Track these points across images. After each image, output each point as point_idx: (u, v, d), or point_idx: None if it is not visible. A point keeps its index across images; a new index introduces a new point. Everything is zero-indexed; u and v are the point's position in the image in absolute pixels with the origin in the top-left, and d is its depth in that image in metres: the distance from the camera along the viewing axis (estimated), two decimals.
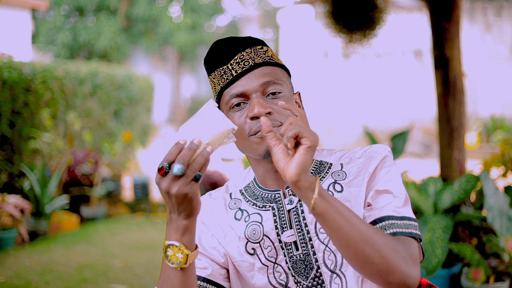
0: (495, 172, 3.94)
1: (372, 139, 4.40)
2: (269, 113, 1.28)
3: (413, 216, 1.29)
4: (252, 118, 1.29)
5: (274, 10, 20.88)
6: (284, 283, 1.34)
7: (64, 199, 5.77)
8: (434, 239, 3.21)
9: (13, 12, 9.18)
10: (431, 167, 8.51)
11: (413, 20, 13.02)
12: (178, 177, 1.07)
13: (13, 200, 4.86)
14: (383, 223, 1.24)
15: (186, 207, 1.11)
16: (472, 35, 13.06)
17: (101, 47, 15.63)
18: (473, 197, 3.67)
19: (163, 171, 1.07)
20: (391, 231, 1.23)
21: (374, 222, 1.25)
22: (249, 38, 1.38)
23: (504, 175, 3.84)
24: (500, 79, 13.16)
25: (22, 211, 5.05)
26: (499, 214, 3.24)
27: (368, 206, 1.30)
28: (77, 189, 6.39)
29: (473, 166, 4.09)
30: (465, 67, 3.96)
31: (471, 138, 11.83)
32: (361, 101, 13.28)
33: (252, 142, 1.30)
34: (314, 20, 13.10)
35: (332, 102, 13.34)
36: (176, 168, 1.06)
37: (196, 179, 1.08)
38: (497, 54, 13.24)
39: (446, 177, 3.74)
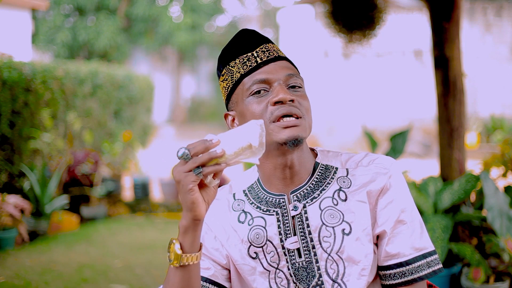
0: (495, 172, 3.94)
1: (372, 140, 4.39)
2: (292, 100, 1.28)
3: (432, 246, 1.32)
4: (275, 104, 1.28)
5: (274, 10, 20.86)
6: None
7: (64, 199, 5.77)
8: (434, 239, 3.20)
9: (13, 12, 9.18)
10: (431, 167, 8.50)
11: (413, 20, 13.01)
12: (184, 162, 1.12)
13: (13, 200, 4.86)
14: (409, 266, 1.29)
15: (190, 206, 1.14)
16: (472, 35, 13.06)
17: (101, 47, 15.62)
18: (473, 197, 3.67)
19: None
20: (417, 275, 1.29)
21: (400, 265, 1.30)
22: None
23: (504, 175, 3.83)
24: (500, 79, 13.15)
25: (22, 211, 5.04)
26: (499, 214, 3.24)
27: (383, 232, 1.31)
28: (77, 189, 6.39)
29: (473, 166, 4.09)
30: (465, 67, 3.95)
31: (471, 138, 11.82)
32: (361, 101, 13.28)
33: (272, 131, 1.27)
34: (314, 20, 13.10)
35: (332, 102, 13.34)
36: (181, 152, 1.12)
37: (196, 173, 1.11)
38: (497, 54, 13.23)
39: (446, 177, 3.74)
